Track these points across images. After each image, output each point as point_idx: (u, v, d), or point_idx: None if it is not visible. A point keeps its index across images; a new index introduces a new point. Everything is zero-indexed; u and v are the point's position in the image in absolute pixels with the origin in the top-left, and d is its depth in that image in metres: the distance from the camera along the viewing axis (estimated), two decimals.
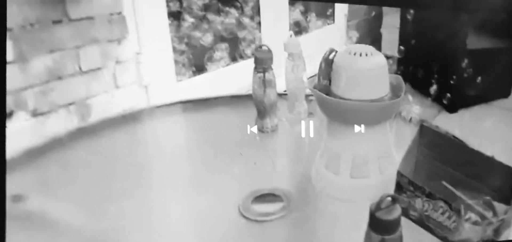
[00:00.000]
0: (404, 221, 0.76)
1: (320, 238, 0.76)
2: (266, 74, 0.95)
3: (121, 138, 1.06)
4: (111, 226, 0.78)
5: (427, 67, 2.39)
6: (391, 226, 0.58)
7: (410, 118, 0.77)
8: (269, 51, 0.95)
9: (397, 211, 0.58)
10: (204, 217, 0.79)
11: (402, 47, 2.54)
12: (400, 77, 0.82)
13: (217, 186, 0.86)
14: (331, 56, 0.77)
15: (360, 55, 0.77)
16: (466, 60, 2.34)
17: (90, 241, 0.75)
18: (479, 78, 2.39)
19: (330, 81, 0.78)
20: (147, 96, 1.47)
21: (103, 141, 1.05)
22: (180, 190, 0.87)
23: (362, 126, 0.80)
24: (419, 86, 2.45)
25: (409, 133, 0.79)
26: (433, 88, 2.46)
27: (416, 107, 0.78)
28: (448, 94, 2.44)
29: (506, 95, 2.57)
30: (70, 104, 1.32)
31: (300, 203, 0.81)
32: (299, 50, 0.99)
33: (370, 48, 0.78)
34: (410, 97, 0.78)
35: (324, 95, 0.79)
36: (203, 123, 1.09)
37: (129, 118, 1.12)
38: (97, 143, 1.04)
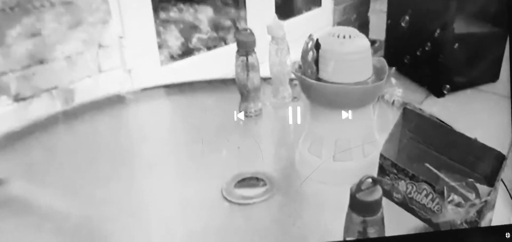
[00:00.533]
0: (387, 204, 0.77)
1: (303, 221, 0.75)
2: (249, 57, 0.94)
3: (104, 122, 1.04)
4: (94, 211, 0.77)
5: (415, 52, 2.39)
6: (372, 207, 0.57)
7: (393, 101, 0.77)
8: (252, 34, 0.94)
9: (378, 192, 0.58)
10: (187, 201, 0.79)
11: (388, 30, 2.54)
12: (383, 60, 0.81)
13: (201, 171, 0.85)
14: (310, 46, 0.75)
15: (343, 37, 0.76)
16: (453, 45, 2.34)
17: (73, 225, 0.74)
18: (467, 62, 2.39)
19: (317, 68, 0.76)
20: (131, 81, 1.45)
21: (86, 124, 1.03)
22: (163, 174, 0.86)
23: (345, 109, 0.79)
24: (407, 70, 2.46)
25: (392, 116, 0.79)
26: (420, 73, 2.47)
27: (399, 90, 0.77)
28: (435, 79, 2.44)
29: (494, 80, 2.59)
30: (53, 88, 1.29)
31: (283, 186, 0.81)
32: (282, 33, 0.98)
33: (353, 30, 0.77)
34: (393, 80, 0.77)
35: (307, 78, 0.78)
36: (187, 107, 1.08)
37: (113, 102, 1.10)
38: (81, 126, 1.03)
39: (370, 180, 0.57)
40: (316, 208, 0.79)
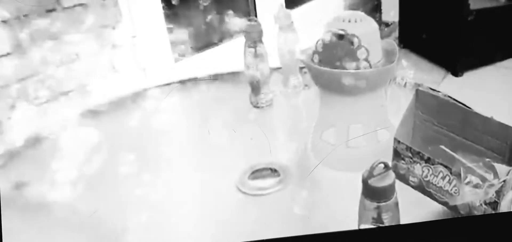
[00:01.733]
0: (404, 188, 0.75)
1: (318, 210, 0.74)
2: (257, 48, 0.92)
3: (118, 120, 1.05)
4: (112, 206, 0.77)
5: (430, 31, 2.33)
6: (385, 193, 0.56)
7: (405, 83, 0.75)
8: (259, 24, 0.92)
9: (390, 177, 0.56)
10: (202, 194, 0.78)
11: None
12: (393, 42, 0.79)
13: (214, 163, 0.85)
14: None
15: (349, 22, 0.74)
16: (469, 21, 2.28)
17: (88, 223, 0.75)
18: (485, 38, 2.33)
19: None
20: (146, 79, 1.45)
21: (102, 123, 1.04)
22: (177, 168, 0.86)
23: (356, 95, 0.77)
24: (423, 50, 2.40)
25: (405, 99, 0.77)
26: (437, 52, 2.41)
27: (410, 72, 0.75)
28: (453, 58, 2.38)
29: None
30: (69, 91, 1.30)
31: (297, 176, 0.79)
32: (290, 21, 0.96)
33: (360, 14, 0.75)
34: (404, 62, 0.75)
35: (316, 65, 0.76)
36: (199, 101, 1.08)
37: (127, 100, 1.10)
38: (99, 125, 1.03)
39: (382, 165, 0.56)
40: (331, 196, 0.77)
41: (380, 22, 2.73)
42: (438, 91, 0.75)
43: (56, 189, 0.82)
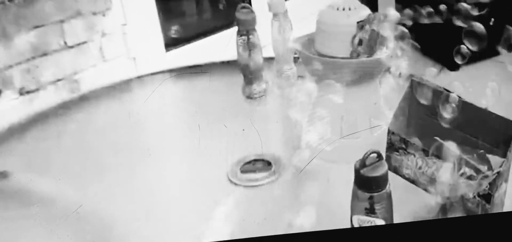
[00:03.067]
0: (398, 180, 0.75)
1: (311, 201, 0.74)
2: (250, 37, 0.92)
3: (108, 109, 1.04)
4: (100, 198, 0.77)
5: (427, 24, 2.33)
6: (378, 182, 0.56)
7: (399, 74, 0.75)
8: (251, 11, 0.92)
9: (383, 167, 0.56)
10: (193, 185, 0.78)
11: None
12: (388, 32, 0.78)
13: (206, 154, 0.85)
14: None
15: (344, 10, 0.74)
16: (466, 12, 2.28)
17: (78, 213, 0.74)
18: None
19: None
20: (136, 68, 1.44)
21: (91, 113, 1.03)
22: (169, 159, 0.85)
23: (351, 84, 0.77)
24: (419, 44, 2.41)
25: (400, 89, 0.77)
26: (433, 46, 2.42)
27: (405, 62, 0.75)
28: (449, 51, 2.39)
29: (510, 50, 2.52)
30: (58, 80, 1.30)
31: (290, 167, 0.79)
32: (284, 9, 0.95)
33: (354, 2, 0.75)
34: (398, 52, 0.75)
35: (309, 54, 0.76)
36: (190, 91, 1.07)
37: (116, 89, 1.10)
38: (85, 116, 1.03)
39: (374, 154, 0.56)
40: (325, 187, 0.77)
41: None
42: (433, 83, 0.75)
43: (40, 180, 0.82)
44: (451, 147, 0.72)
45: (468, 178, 0.68)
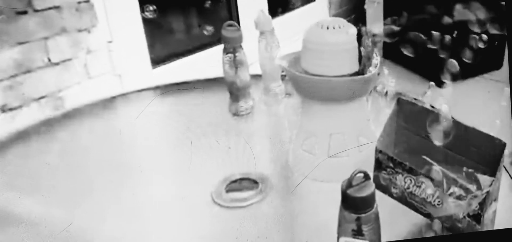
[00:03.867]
0: (386, 200, 0.74)
1: (298, 222, 0.73)
2: (237, 54, 0.91)
3: (93, 127, 1.02)
4: (82, 217, 0.75)
5: (415, 42, 2.35)
6: (365, 203, 0.55)
7: (386, 92, 0.75)
8: (238, 29, 0.91)
9: (370, 187, 0.55)
10: (175, 208, 0.77)
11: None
12: (375, 50, 0.78)
13: (190, 174, 0.83)
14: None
15: (333, 28, 0.74)
16: (454, 33, 2.31)
17: (62, 232, 0.72)
18: (468, 50, 2.36)
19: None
20: (122, 86, 1.43)
21: (75, 131, 1.02)
22: (151, 179, 0.84)
23: (338, 103, 0.77)
24: (407, 62, 2.42)
25: (387, 108, 0.77)
26: (421, 64, 2.44)
27: (392, 81, 0.75)
28: (437, 69, 2.41)
29: (497, 67, 2.55)
30: (42, 97, 1.27)
31: (277, 186, 0.78)
32: (271, 27, 0.95)
33: (341, 21, 0.75)
34: (385, 70, 0.75)
35: (296, 72, 0.76)
36: (176, 109, 1.06)
37: (101, 107, 1.08)
38: (68, 133, 1.01)
39: (361, 174, 0.55)
40: (312, 207, 0.76)
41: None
42: (420, 101, 0.75)
43: (26, 199, 0.80)
44: (440, 166, 0.71)
45: (457, 198, 0.67)
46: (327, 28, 0.73)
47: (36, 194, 0.81)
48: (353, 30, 0.75)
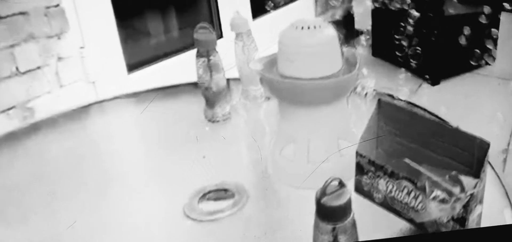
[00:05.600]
0: (369, 205, 0.74)
1: (277, 233, 0.72)
2: (211, 58, 0.90)
3: (62, 138, 1.01)
4: (50, 231, 0.74)
5: (404, 39, 2.36)
6: (341, 213, 0.54)
7: (366, 94, 0.74)
8: (211, 32, 0.90)
9: (345, 195, 0.54)
10: (146, 223, 0.75)
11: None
12: (353, 50, 0.78)
13: (162, 185, 0.82)
14: None
15: (308, 28, 0.73)
16: (445, 28, 2.32)
17: None
18: (460, 46, 2.37)
19: None
20: (96, 93, 1.41)
21: (42, 142, 1.00)
22: (121, 191, 0.82)
23: (317, 106, 0.76)
24: (396, 60, 2.43)
25: (367, 110, 0.76)
26: (413, 61, 2.45)
27: (371, 81, 0.74)
28: (428, 66, 2.42)
29: (489, 63, 2.57)
30: (9, 109, 1.26)
31: (254, 196, 0.77)
32: (247, 28, 0.94)
33: (318, 21, 0.74)
34: (365, 71, 0.74)
35: (270, 76, 0.75)
36: (149, 116, 1.04)
37: (69, 116, 1.06)
38: (36, 145, 0.99)
39: (336, 182, 0.54)
40: (291, 216, 0.75)
41: (352, 31, 2.76)
42: (401, 100, 0.74)
43: None
44: (422, 169, 0.71)
45: (441, 202, 0.67)
46: (302, 28, 0.72)
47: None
48: (330, 29, 0.74)
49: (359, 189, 0.75)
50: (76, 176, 0.87)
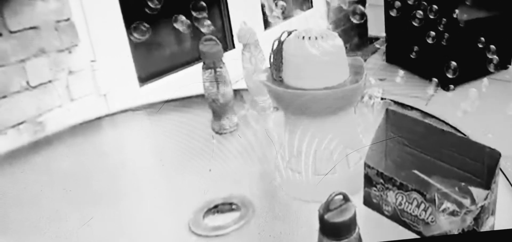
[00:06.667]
0: (378, 218, 0.73)
1: None
2: (217, 70, 0.90)
3: (69, 151, 1.01)
4: None
5: (418, 46, 2.34)
6: (345, 229, 0.53)
7: (373, 103, 0.73)
8: (217, 43, 0.90)
9: (350, 210, 0.53)
10: (149, 236, 0.74)
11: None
12: (360, 59, 0.77)
13: (167, 200, 0.82)
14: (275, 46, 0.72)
15: (315, 38, 0.72)
16: (459, 33, 2.28)
17: None
18: (474, 51, 2.34)
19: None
20: (107, 106, 1.42)
21: (50, 157, 1.00)
22: (125, 205, 0.82)
23: (323, 117, 0.75)
24: (412, 66, 2.41)
25: (375, 120, 0.75)
26: (427, 67, 2.42)
27: (379, 90, 0.73)
28: (443, 72, 2.39)
29: (505, 67, 2.53)
30: (20, 123, 1.27)
31: (260, 210, 0.76)
32: (254, 39, 0.94)
33: (323, 30, 0.73)
34: (372, 80, 0.73)
35: (276, 87, 0.74)
36: (155, 129, 1.05)
37: (78, 129, 1.07)
38: (44, 159, 1.00)
39: (340, 196, 0.53)
40: (297, 230, 0.74)
41: (366, 38, 2.75)
42: (411, 108, 0.73)
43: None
44: (431, 180, 0.69)
45: (451, 214, 0.65)
46: (309, 38, 0.72)
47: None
48: (336, 39, 0.73)
49: (368, 201, 0.74)
50: (82, 190, 0.87)
